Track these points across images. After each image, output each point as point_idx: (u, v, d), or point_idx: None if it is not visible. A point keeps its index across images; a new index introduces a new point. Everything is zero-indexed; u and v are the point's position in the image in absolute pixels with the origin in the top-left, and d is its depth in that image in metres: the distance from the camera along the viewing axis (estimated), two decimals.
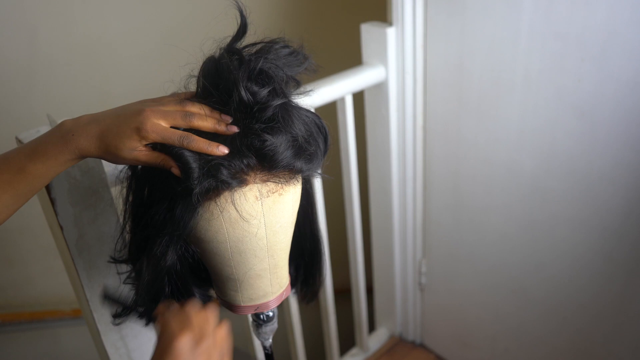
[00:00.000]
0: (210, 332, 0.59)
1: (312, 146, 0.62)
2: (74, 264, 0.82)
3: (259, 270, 0.65)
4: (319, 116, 0.67)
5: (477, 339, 1.51)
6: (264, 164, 0.59)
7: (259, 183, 0.60)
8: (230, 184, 0.58)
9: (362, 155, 1.41)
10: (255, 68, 0.58)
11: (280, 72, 0.60)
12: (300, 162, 0.61)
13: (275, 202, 0.62)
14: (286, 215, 0.64)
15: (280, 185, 0.61)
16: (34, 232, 1.55)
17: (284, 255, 0.68)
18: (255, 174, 0.59)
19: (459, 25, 1.15)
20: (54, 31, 1.37)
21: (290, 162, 0.60)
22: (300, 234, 0.76)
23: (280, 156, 0.59)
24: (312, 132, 0.63)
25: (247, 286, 0.66)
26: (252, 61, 0.59)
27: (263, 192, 0.60)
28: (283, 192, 0.62)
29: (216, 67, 0.60)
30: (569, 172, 1.10)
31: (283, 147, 0.59)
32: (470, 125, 1.23)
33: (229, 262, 0.64)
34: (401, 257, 1.54)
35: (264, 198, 0.61)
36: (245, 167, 0.58)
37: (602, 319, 1.18)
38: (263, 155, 0.58)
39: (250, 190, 0.60)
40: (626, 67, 0.95)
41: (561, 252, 1.19)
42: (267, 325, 0.74)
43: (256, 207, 0.61)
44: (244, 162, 0.58)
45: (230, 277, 0.66)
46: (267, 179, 0.60)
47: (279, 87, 0.60)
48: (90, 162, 0.78)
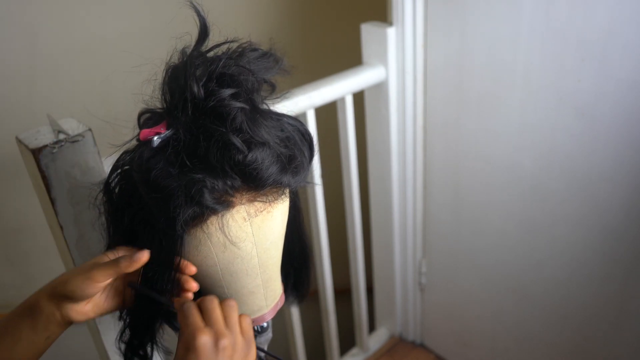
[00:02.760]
0: (233, 325, 0.56)
1: (297, 157, 0.59)
2: (74, 264, 0.82)
3: (252, 288, 0.63)
4: (301, 122, 0.63)
5: (477, 339, 1.51)
6: (249, 183, 0.55)
7: (246, 204, 0.57)
8: (216, 209, 0.54)
9: (362, 155, 1.41)
10: (215, 69, 0.54)
11: (250, 77, 0.56)
12: (288, 177, 0.57)
13: (264, 221, 0.59)
14: (276, 232, 0.61)
15: (268, 203, 0.58)
16: (34, 232, 1.55)
17: (276, 269, 0.65)
18: (241, 194, 0.56)
19: (459, 25, 1.15)
20: (54, 31, 1.37)
21: (277, 178, 0.56)
22: (288, 241, 0.72)
23: (266, 173, 0.55)
24: (296, 140, 0.60)
25: (241, 304, 0.64)
26: (214, 62, 0.55)
27: (251, 212, 0.57)
28: (271, 209, 0.59)
29: (173, 71, 0.56)
30: (568, 171, 1.10)
31: (267, 163, 0.55)
32: (470, 125, 1.23)
33: (220, 283, 0.62)
34: (401, 257, 1.54)
35: (252, 218, 0.57)
36: (230, 189, 0.55)
37: (602, 317, 1.18)
38: (247, 174, 0.54)
39: (238, 212, 0.56)
40: (626, 67, 0.95)
41: (561, 251, 1.19)
42: (261, 335, 0.72)
43: (245, 229, 0.57)
44: (228, 184, 0.54)
45: (222, 296, 0.63)
46: (253, 198, 0.57)
47: (245, 90, 0.56)
48: (90, 162, 0.78)
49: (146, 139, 0.56)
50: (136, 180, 0.57)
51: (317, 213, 1.29)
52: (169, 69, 0.57)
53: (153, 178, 0.54)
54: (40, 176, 0.74)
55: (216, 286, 0.62)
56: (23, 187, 1.27)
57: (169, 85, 0.56)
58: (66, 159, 0.75)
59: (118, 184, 0.61)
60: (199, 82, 0.54)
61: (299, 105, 1.11)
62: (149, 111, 0.60)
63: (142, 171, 0.55)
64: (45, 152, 0.72)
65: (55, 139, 0.74)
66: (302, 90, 1.12)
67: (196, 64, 0.55)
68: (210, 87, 0.54)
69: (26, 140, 0.74)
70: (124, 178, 0.61)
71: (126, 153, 0.61)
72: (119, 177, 0.61)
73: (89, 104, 1.45)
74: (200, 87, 0.54)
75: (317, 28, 1.68)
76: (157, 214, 0.55)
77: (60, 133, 0.74)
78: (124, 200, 0.60)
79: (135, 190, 0.57)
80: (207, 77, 0.55)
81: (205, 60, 0.56)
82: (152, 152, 0.56)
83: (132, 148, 0.61)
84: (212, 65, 0.55)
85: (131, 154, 0.60)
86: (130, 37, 1.43)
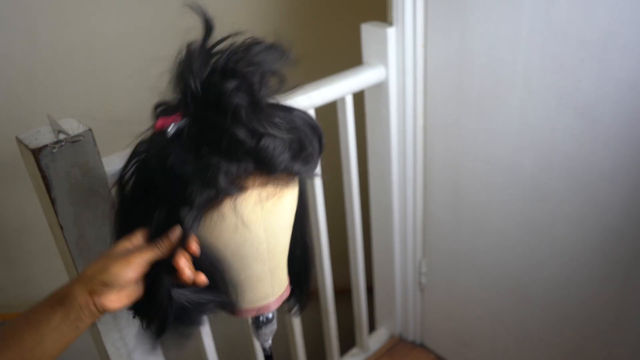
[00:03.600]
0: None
1: (307, 148, 0.62)
2: (74, 264, 0.82)
3: (260, 273, 0.65)
4: (311, 116, 0.66)
5: (477, 339, 1.51)
6: (262, 168, 0.58)
7: (258, 187, 0.59)
8: (230, 191, 0.57)
9: (362, 155, 1.41)
10: (219, 63, 0.57)
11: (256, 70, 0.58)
12: (298, 165, 0.60)
13: (274, 206, 0.61)
14: (285, 218, 0.64)
15: (279, 188, 0.61)
16: (34, 232, 1.55)
17: (283, 257, 0.67)
18: (254, 178, 0.59)
19: (459, 25, 1.15)
20: (54, 31, 1.37)
21: (288, 164, 0.59)
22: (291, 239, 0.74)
23: (279, 159, 0.58)
24: (307, 133, 0.63)
25: (248, 289, 0.66)
26: (219, 56, 0.57)
27: (262, 197, 0.60)
28: (282, 195, 0.62)
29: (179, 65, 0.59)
30: (568, 171, 1.10)
31: (280, 150, 0.58)
32: (470, 125, 1.23)
33: (229, 267, 0.63)
34: (401, 256, 1.54)
35: (263, 202, 0.60)
36: (244, 173, 0.57)
37: (602, 317, 1.18)
38: (261, 159, 0.57)
39: (250, 195, 0.59)
40: (626, 67, 0.95)
41: (561, 251, 1.19)
42: (266, 326, 0.73)
43: (256, 212, 0.60)
44: (242, 167, 0.57)
45: (231, 281, 0.65)
46: (265, 182, 0.60)
47: (249, 83, 0.58)
48: (90, 162, 0.78)
49: (161, 128, 0.59)
50: (153, 168, 0.58)
51: (317, 213, 1.29)
52: (178, 63, 0.59)
53: (170, 164, 0.56)
54: (40, 176, 0.74)
55: None
56: (23, 187, 1.27)
57: (177, 78, 0.59)
58: (66, 159, 0.75)
59: (134, 174, 0.63)
60: (198, 76, 0.56)
61: (299, 106, 1.11)
62: (163, 103, 0.63)
63: (159, 158, 0.57)
64: (45, 152, 0.72)
65: (55, 139, 0.74)
66: (302, 90, 1.12)
67: (199, 57, 0.57)
68: (214, 80, 0.56)
69: (26, 140, 0.74)
70: (140, 167, 0.62)
71: (141, 144, 0.63)
72: (135, 166, 0.63)
73: (89, 104, 1.45)
74: (197, 81, 0.56)
75: (317, 28, 1.68)
76: (174, 199, 0.57)
77: (60, 133, 0.74)
78: (140, 189, 0.62)
79: (152, 178, 0.59)
80: (211, 70, 0.57)
81: (209, 54, 0.58)
82: (168, 141, 0.58)
83: (146, 139, 0.63)
84: (217, 58, 0.57)
85: (146, 144, 0.62)
86: (131, 36, 1.43)
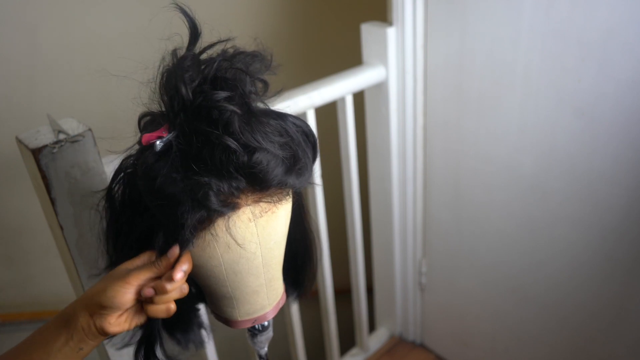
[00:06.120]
0: None
1: (301, 159, 0.58)
2: (74, 263, 0.82)
3: (256, 287, 0.64)
4: (306, 123, 0.62)
5: (477, 339, 1.51)
6: (255, 184, 0.55)
7: (251, 205, 0.57)
8: (222, 212, 0.54)
9: (362, 155, 1.41)
10: (209, 72, 0.54)
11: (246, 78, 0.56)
12: (292, 178, 0.57)
13: (268, 221, 0.59)
14: (280, 231, 0.62)
15: (273, 203, 0.58)
16: (34, 232, 1.55)
17: (278, 268, 0.66)
18: (246, 196, 0.56)
19: (459, 25, 1.15)
20: (54, 31, 1.37)
21: (282, 179, 0.56)
22: (291, 239, 0.71)
23: (272, 174, 0.55)
24: (300, 141, 0.59)
25: (244, 302, 0.65)
26: (208, 64, 0.55)
27: (256, 213, 0.57)
28: (276, 209, 0.59)
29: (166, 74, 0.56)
30: (568, 171, 1.10)
31: (273, 164, 0.55)
32: (470, 125, 1.23)
33: (224, 283, 0.62)
34: (401, 256, 1.54)
35: (257, 219, 0.58)
36: (235, 191, 0.54)
37: (602, 317, 1.18)
38: (253, 176, 0.54)
39: (244, 213, 0.56)
40: (626, 67, 0.95)
41: (561, 251, 1.19)
42: (262, 334, 0.72)
43: (250, 229, 0.58)
44: (234, 186, 0.54)
45: (226, 295, 0.64)
46: (259, 199, 0.57)
47: (240, 93, 0.55)
48: (90, 162, 0.78)
49: (148, 143, 0.55)
50: (141, 189, 0.56)
51: (317, 213, 1.29)
52: (164, 72, 0.56)
53: (158, 186, 0.53)
54: (40, 176, 0.74)
55: (220, 285, 0.63)
56: (23, 187, 1.27)
57: (164, 88, 0.56)
58: (66, 159, 0.75)
59: (121, 190, 0.61)
60: (188, 86, 0.53)
61: (299, 105, 1.11)
62: (149, 114, 0.59)
63: (147, 179, 0.55)
64: (45, 152, 0.72)
65: (55, 139, 0.74)
66: (302, 90, 1.12)
67: (188, 66, 0.54)
68: (203, 89, 0.54)
69: (26, 140, 0.74)
70: (128, 184, 0.60)
71: (128, 158, 0.61)
72: (122, 182, 0.61)
73: (89, 104, 1.45)
74: (189, 90, 0.53)
75: (317, 28, 1.68)
76: (165, 220, 0.54)
77: (60, 133, 0.74)
78: (129, 206, 0.60)
79: (141, 196, 0.57)
80: (201, 79, 0.54)
81: (198, 62, 0.55)
82: (156, 157, 0.55)
83: (133, 154, 0.60)
84: (206, 67, 0.54)
85: (133, 158, 0.60)
86: (131, 36, 1.43)
